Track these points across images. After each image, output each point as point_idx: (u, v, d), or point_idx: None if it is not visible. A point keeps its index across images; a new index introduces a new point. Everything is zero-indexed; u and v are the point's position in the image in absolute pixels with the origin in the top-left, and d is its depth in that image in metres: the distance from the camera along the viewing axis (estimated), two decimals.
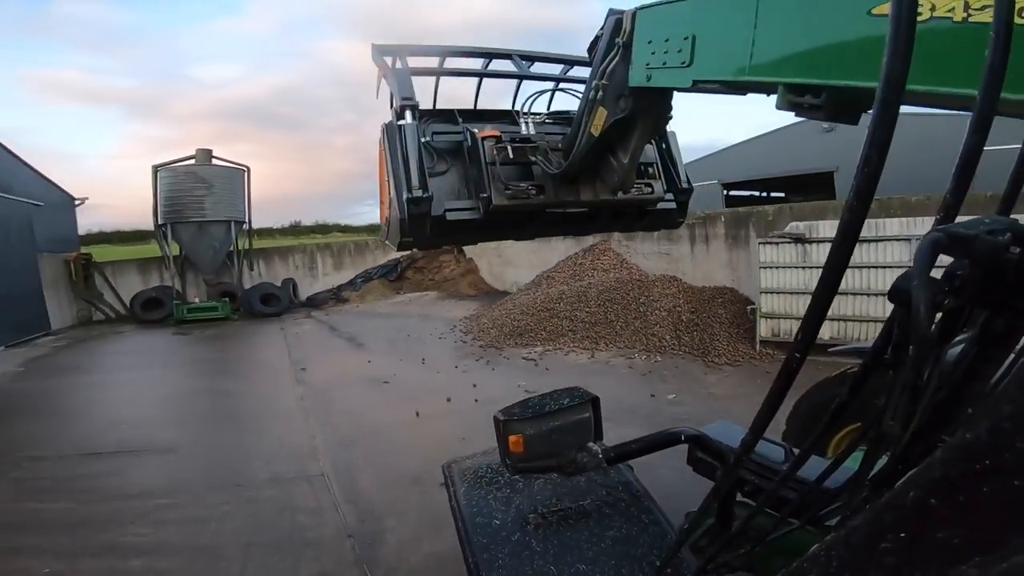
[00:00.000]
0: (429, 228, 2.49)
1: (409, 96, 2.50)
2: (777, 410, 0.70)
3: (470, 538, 1.42)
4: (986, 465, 0.41)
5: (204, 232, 13.67)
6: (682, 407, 5.09)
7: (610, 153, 2.32)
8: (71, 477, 4.22)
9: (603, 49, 2.07)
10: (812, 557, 0.58)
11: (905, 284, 0.53)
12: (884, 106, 0.53)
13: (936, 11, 0.99)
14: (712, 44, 1.62)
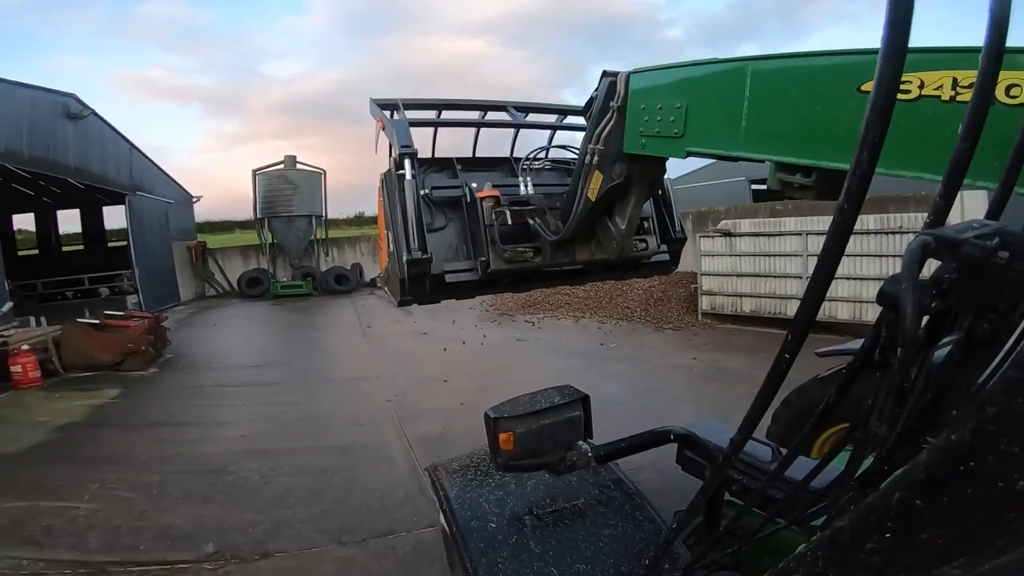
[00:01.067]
0: (428, 287, 2.52)
1: (408, 144, 2.47)
2: (766, 410, 0.70)
3: (466, 543, 1.37)
4: (970, 467, 0.41)
5: (291, 224, 16.90)
6: (616, 351, 7.29)
7: (607, 217, 2.30)
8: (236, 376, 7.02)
9: (598, 112, 2.06)
10: (798, 557, 0.58)
11: (893, 287, 0.52)
12: (876, 109, 0.52)
13: (925, 89, 0.99)
14: (704, 117, 1.62)
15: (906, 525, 0.46)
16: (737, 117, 1.46)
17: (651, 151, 1.85)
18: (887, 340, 0.57)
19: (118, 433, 4.88)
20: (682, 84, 1.70)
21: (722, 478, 1.12)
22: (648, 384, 5.76)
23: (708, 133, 1.61)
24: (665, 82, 1.79)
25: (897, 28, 0.51)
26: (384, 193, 2.64)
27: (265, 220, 16.93)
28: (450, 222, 2.66)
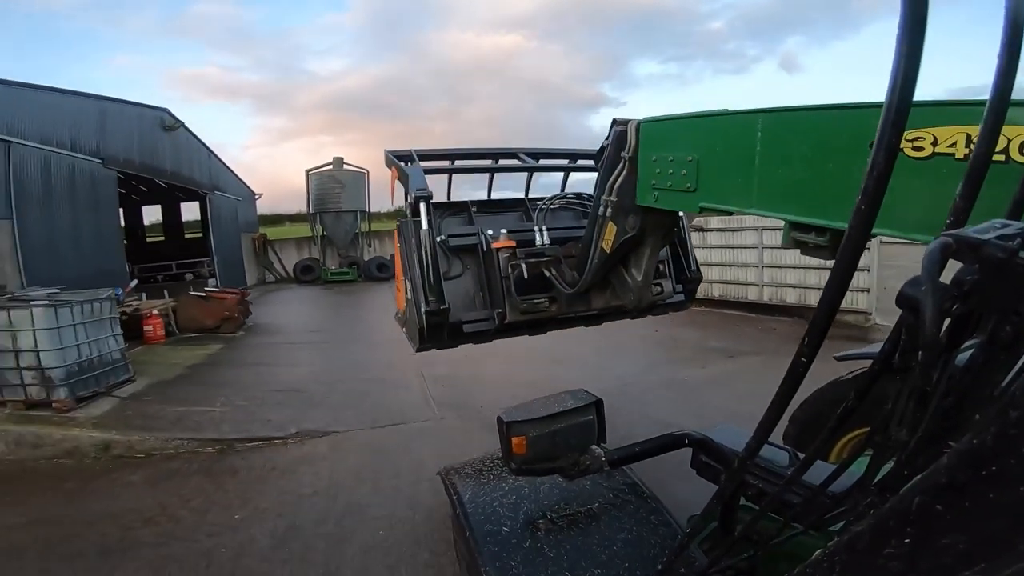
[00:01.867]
0: (447, 335, 2.53)
1: (423, 188, 2.47)
2: (783, 414, 0.69)
3: (480, 548, 1.36)
4: (992, 471, 0.40)
5: (339, 219, 19.14)
6: (595, 329, 8.88)
7: (623, 268, 2.27)
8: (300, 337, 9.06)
9: (609, 162, 2.02)
10: (815, 562, 0.57)
11: (913, 290, 0.51)
12: (893, 109, 0.51)
13: (939, 146, 0.93)
14: (716, 172, 1.57)
15: (926, 530, 0.45)
16: (748, 173, 1.42)
17: (664, 205, 1.80)
18: (907, 343, 0.55)
19: (228, 369, 6.98)
20: (693, 136, 1.65)
21: (737, 483, 1.12)
22: (612, 348, 7.35)
23: (720, 188, 1.55)
24: (675, 134, 1.74)
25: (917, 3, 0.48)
26: (401, 239, 2.66)
27: (317, 215, 19.28)
28: (467, 269, 2.67)
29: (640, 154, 1.86)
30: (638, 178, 1.88)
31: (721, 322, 8.49)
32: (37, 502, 3.86)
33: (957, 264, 0.51)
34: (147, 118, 12.40)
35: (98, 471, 4.41)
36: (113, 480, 4.23)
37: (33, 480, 4.26)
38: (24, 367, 4.77)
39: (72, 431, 4.74)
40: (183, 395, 5.85)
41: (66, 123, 9.12)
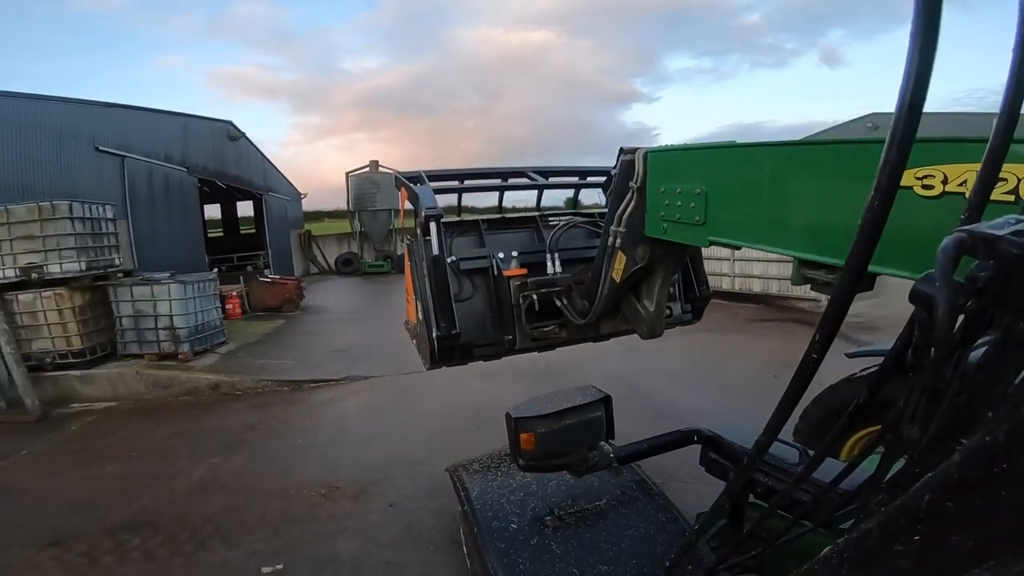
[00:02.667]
0: (457, 355, 2.60)
1: (433, 207, 2.47)
2: (792, 411, 0.69)
3: (487, 544, 1.36)
4: (1004, 468, 0.40)
5: (376, 216, 21.19)
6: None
7: (635, 298, 2.26)
8: (344, 316, 11.00)
9: (617, 191, 2.01)
10: (824, 559, 0.58)
11: (927, 286, 0.51)
12: (906, 104, 0.51)
13: (949, 185, 0.91)
14: (724, 206, 1.54)
15: (936, 527, 0.44)
16: (757, 208, 1.40)
17: (673, 237, 1.77)
18: (920, 340, 0.55)
19: (291, 337, 9.01)
20: (701, 168, 1.63)
21: (746, 480, 1.14)
22: None
23: (729, 222, 1.53)
24: (684, 165, 1.73)
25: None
26: (412, 259, 2.68)
27: (356, 213, 21.39)
28: (477, 291, 2.68)
29: (648, 185, 1.86)
30: (647, 209, 1.88)
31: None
32: (176, 422, 5.79)
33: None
34: (216, 130, 14.62)
35: (212, 402, 6.35)
36: (223, 407, 6.15)
37: (168, 409, 6.22)
38: (160, 328, 6.76)
39: (193, 375, 6.71)
40: (263, 353, 7.82)
41: (161, 138, 11.29)
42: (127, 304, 6.70)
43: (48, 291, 6.23)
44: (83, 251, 6.41)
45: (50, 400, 6.27)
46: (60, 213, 6.19)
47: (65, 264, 6.24)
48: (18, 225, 6.16)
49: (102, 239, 6.82)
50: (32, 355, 6.38)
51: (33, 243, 6.16)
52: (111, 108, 9.82)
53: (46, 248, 6.18)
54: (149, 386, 6.60)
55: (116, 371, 6.59)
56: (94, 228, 6.65)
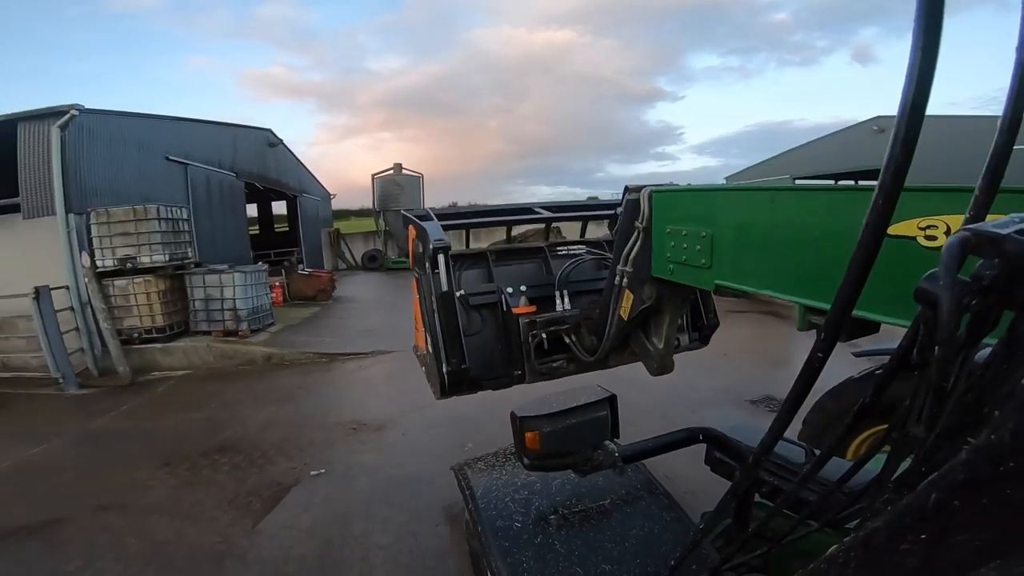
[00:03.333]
0: (467, 386, 2.65)
1: (441, 239, 2.50)
2: (797, 410, 0.70)
3: (490, 543, 1.35)
4: (1010, 467, 0.40)
5: (399, 216, 22.62)
6: None
7: (644, 335, 2.26)
8: (371, 304, 12.46)
9: (623, 231, 2.02)
10: (830, 558, 0.58)
11: (931, 284, 0.50)
12: (909, 105, 0.51)
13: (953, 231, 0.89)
14: (730, 250, 1.53)
15: (942, 527, 0.44)
16: (762, 253, 1.40)
17: (679, 279, 1.76)
18: (925, 339, 0.54)
19: (327, 320, 10.49)
20: (706, 211, 1.62)
21: (752, 479, 1.12)
22: None
23: (735, 267, 1.51)
24: (689, 206, 1.71)
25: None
26: (420, 292, 2.71)
27: (381, 212, 22.95)
28: (486, 325, 2.72)
29: (654, 225, 1.86)
30: (653, 249, 1.88)
31: None
32: (240, 383, 7.25)
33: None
34: (258, 138, 16.27)
35: (266, 370, 7.81)
36: (275, 373, 7.60)
37: (233, 375, 7.70)
38: (225, 309, 8.27)
39: (250, 348, 8.20)
40: (304, 332, 9.29)
41: (215, 147, 12.91)
42: (200, 289, 8.23)
43: (139, 278, 7.78)
44: (167, 246, 7.94)
45: (136, 368, 7.82)
46: (150, 215, 7.72)
47: (153, 256, 7.78)
48: (117, 224, 7.72)
49: (179, 236, 8.35)
50: (123, 331, 7.94)
51: (128, 239, 7.72)
52: (177, 121, 11.44)
53: (139, 243, 7.73)
54: (216, 357, 8.11)
55: (190, 344, 8.12)
56: (174, 227, 8.19)
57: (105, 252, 7.78)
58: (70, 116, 7.93)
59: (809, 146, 25.09)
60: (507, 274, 2.94)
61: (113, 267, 7.81)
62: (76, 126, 8.07)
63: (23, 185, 8.01)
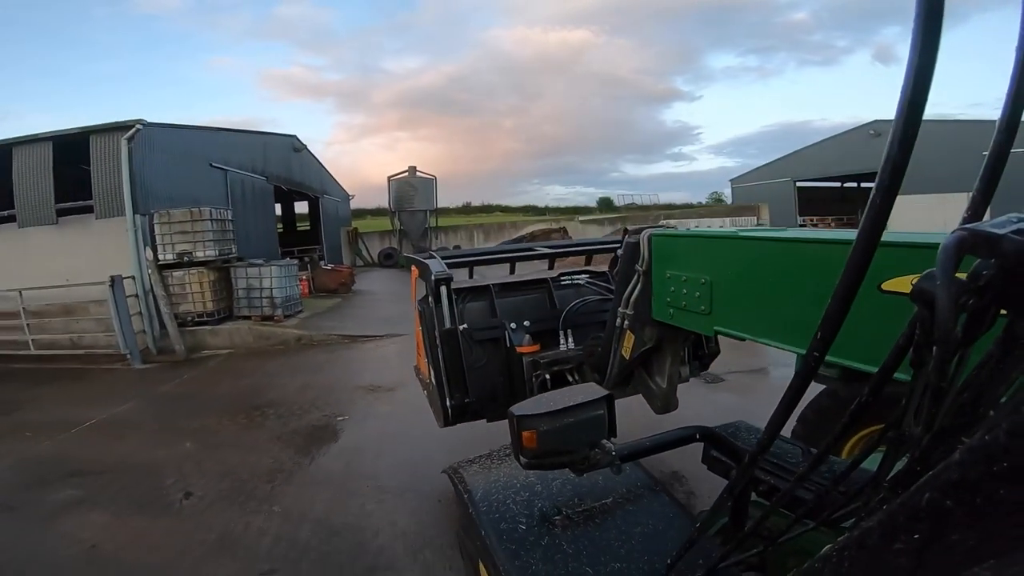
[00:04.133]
0: (470, 416, 2.69)
1: (442, 271, 2.53)
2: (793, 410, 0.70)
3: (497, 546, 1.32)
4: (1004, 468, 0.40)
5: (413, 216, 24.12)
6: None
7: (647, 374, 2.26)
8: (387, 297, 13.82)
9: (623, 273, 2.02)
10: (824, 557, 0.58)
11: (928, 284, 0.50)
12: (907, 104, 0.50)
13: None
14: (729, 298, 1.53)
15: (936, 526, 0.45)
16: (760, 302, 1.40)
17: (679, 323, 1.76)
18: (922, 338, 0.54)
19: (348, 309, 11.91)
20: (705, 258, 1.61)
21: (748, 478, 1.13)
22: None
23: (733, 314, 1.52)
24: (688, 252, 1.71)
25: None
26: (423, 325, 2.72)
27: (396, 212, 24.39)
28: (489, 358, 2.72)
29: (654, 269, 1.86)
30: (653, 293, 1.87)
31: None
32: (277, 359, 8.63)
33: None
34: (285, 143, 17.76)
35: (298, 349, 9.20)
36: (306, 352, 8.98)
37: (270, 353, 9.09)
38: (263, 297, 9.70)
39: (284, 331, 9.60)
40: (329, 318, 10.70)
41: (248, 154, 14.39)
42: (242, 280, 9.67)
43: (194, 270, 9.24)
44: (216, 243, 9.39)
45: (189, 347, 9.25)
46: (204, 215, 9.16)
47: (206, 251, 9.23)
48: (176, 223, 9.18)
49: (225, 234, 9.79)
50: (179, 315, 9.38)
51: (185, 236, 9.17)
52: (218, 132, 12.95)
53: (194, 240, 9.18)
54: (255, 338, 9.52)
55: (234, 327, 9.56)
56: (221, 226, 9.63)
57: (166, 247, 9.24)
58: (135, 130, 9.38)
59: (810, 149, 25.87)
60: (511, 307, 2.94)
61: (172, 260, 9.27)
62: (139, 138, 9.51)
63: (96, 190, 9.51)
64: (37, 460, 5.08)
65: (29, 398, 7.34)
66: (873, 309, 1.00)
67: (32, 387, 7.87)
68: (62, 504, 4.08)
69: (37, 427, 6.02)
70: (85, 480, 4.53)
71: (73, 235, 9.64)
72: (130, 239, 9.18)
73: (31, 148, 9.61)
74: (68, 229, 9.69)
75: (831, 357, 1.24)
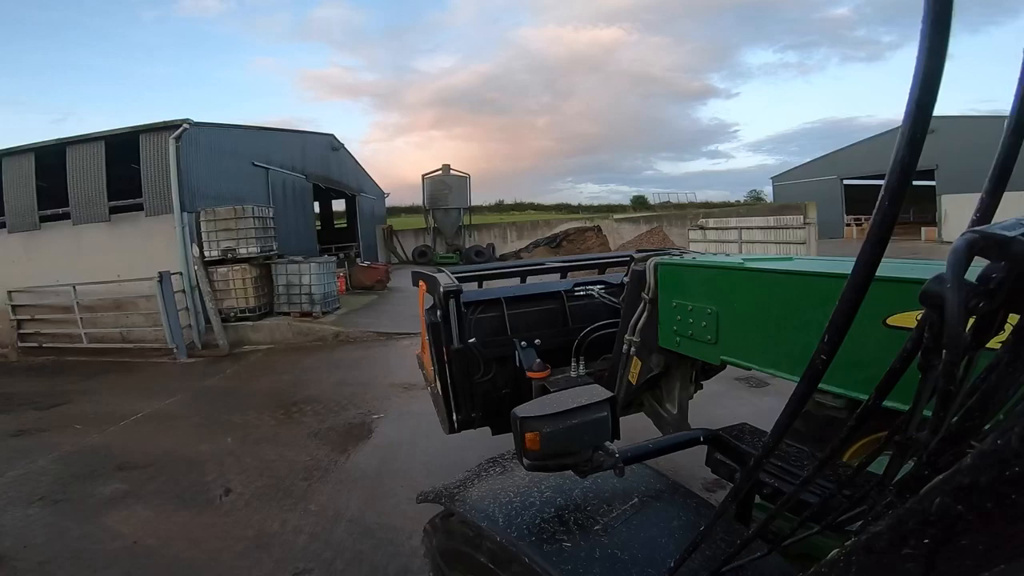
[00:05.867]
0: (476, 425, 2.73)
1: (451, 283, 2.53)
2: (798, 414, 0.70)
3: (554, 570, 1.23)
4: (1016, 472, 0.40)
5: (447, 214, 24.25)
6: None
7: (655, 399, 2.26)
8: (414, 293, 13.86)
9: (630, 299, 2.02)
10: (831, 562, 0.57)
11: (937, 286, 0.49)
12: (916, 105, 0.50)
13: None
14: (735, 328, 1.53)
15: (946, 531, 0.44)
16: (766, 334, 1.40)
17: (686, 351, 1.76)
18: (930, 341, 0.53)
19: (383, 306, 11.99)
20: (712, 288, 1.61)
21: (753, 481, 1.13)
22: None
23: (740, 345, 1.52)
24: (695, 282, 1.70)
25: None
26: (429, 335, 2.70)
27: (430, 211, 24.57)
28: (497, 374, 2.72)
29: (660, 297, 1.85)
30: (659, 322, 1.86)
31: None
32: (315, 355, 8.72)
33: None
34: (323, 143, 18.07)
35: (335, 345, 9.29)
36: (343, 348, 9.05)
37: (309, 349, 9.20)
38: (303, 294, 9.85)
39: (322, 327, 9.72)
40: (365, 315, 10.78)
41: (288, 152, 14.68)
42: (282, 276, 9.84)
43: (237, 266, 9.45)
44: (258, 240, 9.58)
45: (231, 342, 9.47)
46: (247, 213, 9.36)
47: (249, 248, 9.43)
48: (221, 221, 9.41)
49: (267, 231, 9.98)
50: (222, 310, 9.63)
51: (230, 233, 9.39)
52: (260, 131, 13.25)
53: (238, 237, 9.39)
54: (294, 333, 9.68)
55: (274, 323, 9.74)
56: (263, 224, 9.82)
57: (211, 244, 9.49)
58: (183, 129, 9.66)
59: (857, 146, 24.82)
60: (522, 320, 2.89)
61: (217, 257, 9.51)
62: (186, 137, 9.79)
63: (146, 188, 9.84)
64: (87, 452, 5.22)
65: (80, 390, 7.64)
66: (879, 343, 1.03)
67: (84, 380, 8.20)
68: (109, 498, 4.16)
69: (87, 419, 6.24)
70: (131, 474, 4.63)
71: (124, 232, 10.01)
72: (177, 236, 9.47)
73: (85, 147, 10.00)
74: (119, 226, 10.06)
75: (837, 388, 1.19)
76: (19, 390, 7.92)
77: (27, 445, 5.51)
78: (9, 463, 4.99)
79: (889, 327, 1.11)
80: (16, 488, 4.45)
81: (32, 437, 5.81)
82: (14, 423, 6.36)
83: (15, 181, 10.29)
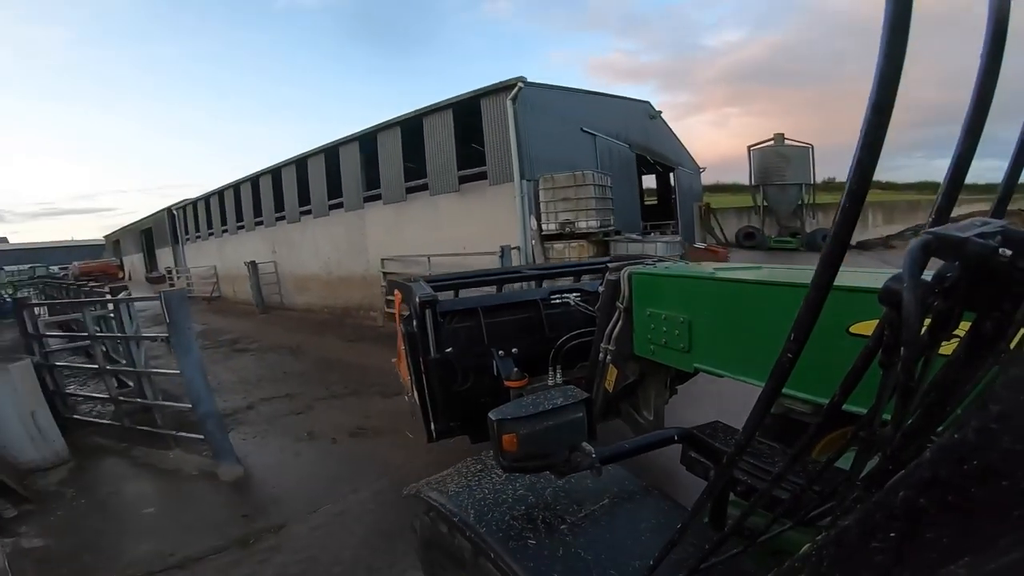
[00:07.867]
0: (456, 434, 2.69)
1: (426, 293, 2.52)
2: (770, 410, 0.71)
3: (514, 567, 1.25)
4: (974, 465, 0.41)
5: (784, 191, 19.51)
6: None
7: (631, 407, 2.27)
8: None
9: (605, 308, 2.06)
10: (803, 557, 0.59)
11: (895, 285, 0.52)
12: (874, 108, 0.51)
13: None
14: (708, 336, 1.59)
15: (911, 524, 0.45)
16: (737, 342, 1.45)
17: (661, 360, 1.81)
18: (890, 339, 0.56)
19: None
20: (684, 298, 1.65)
21: (727, 478, 1.16)
22: None
23: (712, 353, 1.57)
24: (668, 292, 1.73)
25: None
26: (406, 344, 2.69)
27: (759, 187, 20.20)
28: (475, 384, 2.71)
29: (635, 306, 1.89)
30: (634, 330, 1.91)
31: None
32: None
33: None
34: (640, 110, 16.09)
35: None
36: None
37: None
38: None
39: None
40: None
41: (610, 119, 13.11)
42: None
43: (574, 243, 8.17)
44: (597, 212, 8.09)
45: None
46: (587, 180, 7.94)
47: (589, 222, 8.02)
48: (560, 190, 8.24)
49: (605, 202, 8.45)
50: None
51: (568, 204, 8.15)
52: (584, 94, 11.95)
53: (577, 208, 8.07)
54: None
55: None
56: (602, 193, 8.28)
57: (549, 216, 8.46)
58: (518, 88, 8.75)
59: None
60: (499, 329, 2.86)
61: (555, 231, 8.43)
62: (521, 98, 8.88)
63: (489, 155, 9.37)
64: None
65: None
66: (843, 351, 1.03)
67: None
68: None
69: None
70: None
71: (471, 203, 9.90)
72: (517, 206, 8.74)
73: (436, 117, 10.12)
74: (467, 196, 10.01)
75: (804, 394, 1.30)
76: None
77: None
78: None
79: (853, 335, 1.16)
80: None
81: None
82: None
83: (387, 153, 11.25)
